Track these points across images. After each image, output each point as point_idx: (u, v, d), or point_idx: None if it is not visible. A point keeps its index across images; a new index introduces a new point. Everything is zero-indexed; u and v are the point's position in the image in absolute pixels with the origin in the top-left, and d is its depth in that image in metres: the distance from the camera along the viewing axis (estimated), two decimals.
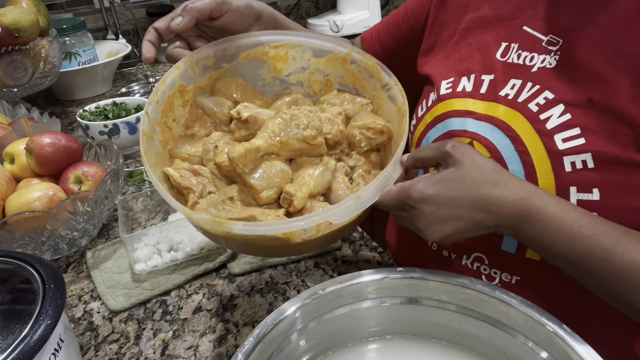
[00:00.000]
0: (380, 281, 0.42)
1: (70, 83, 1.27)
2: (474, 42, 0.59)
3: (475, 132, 0.54)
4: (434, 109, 0.59)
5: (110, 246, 0.72)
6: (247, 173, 0.46)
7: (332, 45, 0.58)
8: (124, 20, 1.57)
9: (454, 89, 0.58)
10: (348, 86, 0.59)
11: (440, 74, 0.61)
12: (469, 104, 0.56)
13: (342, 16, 1.69)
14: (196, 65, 0.55)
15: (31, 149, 0.70)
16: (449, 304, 0.42)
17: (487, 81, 0.56)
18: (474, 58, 0.58)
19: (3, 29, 0.95)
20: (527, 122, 0.51)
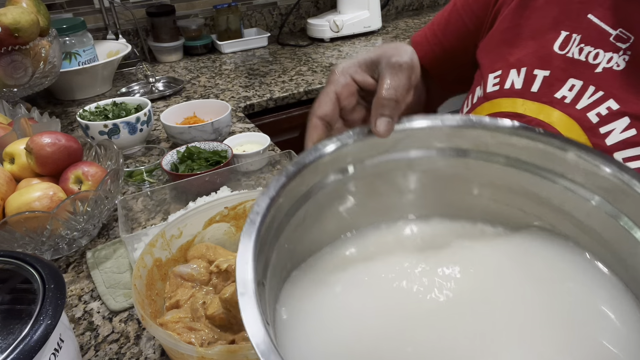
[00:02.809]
0: (403, 132, 0.39)
1: (70, 83, 1.27)
2: (527, 26, 0.50)
3: None
4: (480, 107, 0.53)
5: (110, 246, 0.72)
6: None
7: None
8: (124, 20, 1.57)
9: (501, 85, 0.51)
10: None
11: (488, 64, 0.53)
12: (518, 104, 0.49)
13: (342, 16, 1.69)
14: (167, 240, 0.58)
15: (31, 149, 0.70)
16: (497, 155, 0.38)
17: (540, 77, 0.48)
18: (526, 46, 0.50)
19: (3, 29, 0.94)
20: (584, 135, 0.44)
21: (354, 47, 1.63)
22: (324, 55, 1.57)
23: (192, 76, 1.47)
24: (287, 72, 1.44)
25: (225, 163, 0.86)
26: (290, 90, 1.31)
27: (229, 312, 0.50)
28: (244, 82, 1.39)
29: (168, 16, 1.55)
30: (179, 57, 1.62)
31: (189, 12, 1.69)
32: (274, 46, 1.70)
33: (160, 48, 1.57)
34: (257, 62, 1.55)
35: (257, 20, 1.80)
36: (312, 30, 1.71)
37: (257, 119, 1.28)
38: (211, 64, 1.57)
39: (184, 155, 0.89)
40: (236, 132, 1.08)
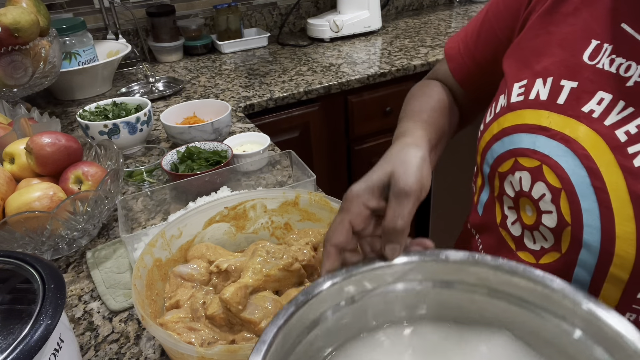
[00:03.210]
0: (391, 267, 0.41)
1: (70, 83, 1.27)
2: (555, 33, 0.48)
3: (547, 153, 0.45)
4: (503, 118, 0.51)
5: (110, 246, 0.72)
6: (242, 310, 0.50)
7: (281, 193, 0.64)
8: (124, 20, 1.57)
9: (526, 95, 0.48)
10: (306, 223, 0.64)
11: (514, 73, 0.51)
12: (543, 117, 0.46)
13: (342, 16, 1.69)
14: (167, 240, 0.59)
15: (31, 149, 0.70)
16: (479, 286, 0.40)
17: (567, 89, 0.45)
18: (554, 55, 0.47)
19: (3, 29, 0.94)
20: (611, 154, 0.42)
21: (354, 47, 1.63)
22: (324, 55, 1.57)
23: (192, 76, 1.47)
24: (287, 72, 1.44)
25: (225, 163, 0.86)
26: (290, 90, 1.31)
27: (229, 312, 0.50)
28: (244, 82, 1.39)
29: (168, 16, 1.55)
30: (179, 57, 1.62)
31: (189, 12, 1.69)
32: (274, 46, 1.70)
33: (160, 48, 1.57)
34: (257, 62, 1.55)
35: (257, 20, 1.80)
36: (312, 30, 1.71)
37: (257, 119, 1.28)
38: (211, 64, 1.57)
39: (184, 155, 0.89)
40: (236, 132, 1.08)
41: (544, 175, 0.46)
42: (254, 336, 0.49)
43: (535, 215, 0.48)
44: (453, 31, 1.73)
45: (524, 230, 0.50)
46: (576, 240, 0.45)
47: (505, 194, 0.52)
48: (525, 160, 0.48)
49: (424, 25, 1.82)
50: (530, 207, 0.48)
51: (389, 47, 1.60)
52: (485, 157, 0.54)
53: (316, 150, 1.43)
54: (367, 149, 1.51)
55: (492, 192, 0.55)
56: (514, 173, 0.49)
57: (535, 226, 0.49)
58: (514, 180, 0.49)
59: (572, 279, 0.46)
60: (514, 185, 0.50)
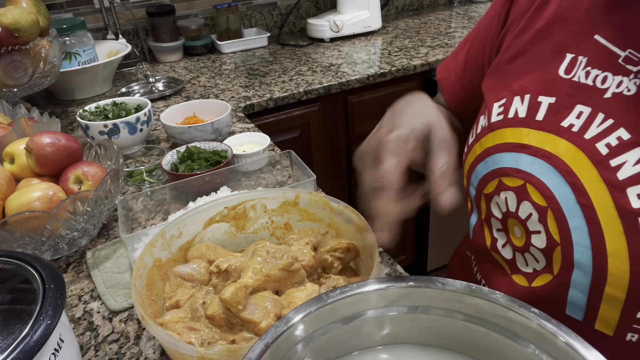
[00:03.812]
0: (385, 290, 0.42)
1: (70, 83, 1.27)
2: (531, 50, 0.48)
3: (530, 172, 0.45)
4: (484, 139, 0.50)
5: (110, 246, 0.72)
6: (242, 310, 0.50)
7: (281, 193, 0.64)
8: (124, 20, 1.57)
9: (505, 114, 0.48)
10: (306, 223, 0.64)
11: (493, 93, 0.51)
12: (523, 134, 0.46)
13: (342, 16, 1.69)
14: (167, 240, 0.59)
15: (31, 148, 0.70)
16: (458, 312, 0.42)
17: (545, 104, 0.45)
18: (530, 72, 0.47)
19: (3, 29, 0.94)
20: (594, 168, 0.41)
21: (354, 47, 1.63)
22: (324, 55, 1.57)
23: (192, 76, 1.47)
24: (287, 72, 1.44)
25: (225, 163, 0.86)
26: (290, 90, 1.31)
27: (229, 312, 0.50)
28: (244, 82, 1.39)
29: (168, 16, 1.55)
30: (179, 57, 1.62)
31: (189, 12, 1.69)
32: (274, 46, 1.70)
33: (160, 48, 1.58)
34: (257, 62, 1.55)
35: (257, 20, 1.80)
36: (312, 30, 1.71)
37: (257, 119, 1.28)
38: (211, 64, 1.57)
39: (184, 155, 0.89)
40: (236, 132, 1.08)
41: (528, 194, 0.45)
42: (254, 336, 0.49)
43: (524, 237, 0.47)
44: (453, 31, 1.74)
45: (515, 253, 0.49)
46: (567, 260, 0.43)
47: (492, 216, 0.51)
48: (509, 179, 0.47)
49: (424, 25, 1.82)
50: (519, 228, 0.47)
51: (389, 47, 1.60)
52: (470, 179, 0.53)
53: (316, 150, 1.43)
54: None
55: (479, 215, 0.54)
56: (499, 194, 0.48)
57: (525, 248, 0.47)
58: (500, 201, 0.49)
59: (568, 302, 0.45)
60: (500, 206, 0.49)
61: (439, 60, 1.46)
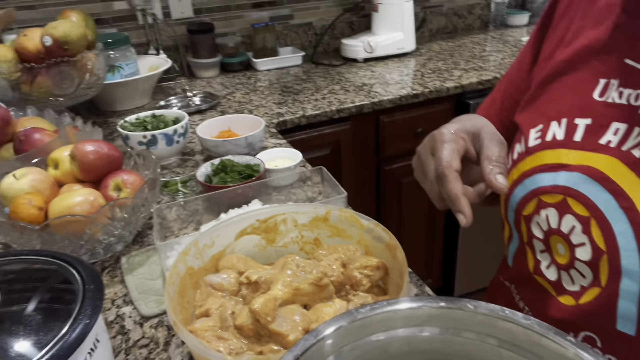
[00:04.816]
0: (417, 309, 0.41)
1: (112, 95, 1.32)
2: (565, 81, 0.51)
3: (567, 185, 0.46)
4: (522, 163, 0.52)
5: (144, 253, 0.74)
6: (271, 322, 0.50)
7: (312, 208, 0.65)
8: (165, 37, 1.63)
9: (543, 138, 0.50)
10: (335, 239, 0.65)
11: (528, 121, 0.53)
12: (562, 155, 0.48)
13: (375, 37, 1.71)
14: (200, 249, 0.60)
15: (75, 155, 0.73)
16: (490, 337, 0.41)
17: (582, 126, 0.47)
18: (565, 99, 0.50)
19: (54, 41, 1.00)
20: (631, 172, 0.42)
21: (387, 67, 1.65)
22: (357, 75, 1.59)
23: (227, 92, 1.50)
24: (320, 91, 1.46)
25: (258, 177, 0.87)
26: (322, 108, 1.33)
27: (258, 323, 0.50)
28: (278, 99, 1.41)
29: (207, 34, 1.60)
30: (215, 73, 1.66)
31: (227, 30, 1.74)
32: (308, 65, 1.73)
33: (198, 64, 1.63)
34: (291, 79, 1.58)
35: (293, 39, 1.84)
36: (345, 51, 1.74)
37: (289, 135, 1.30)
38: (246, 80, 1.61)
39: (217, 168, 0.91)
40: (268, 147, 1.10)
41: (570, 207, 0.46)
42: (282, 349, 0.50)
43: (568, 252, 0.47)
44: (487, 54, 1.73)
45: (560, 272, 0.49)
46: (615, 268, 0.43)
47: (534, 237, 0.51)
48: (548, 197, 0.48)
49: (458, 48, 1.82)
50: (562, 244, 0.48)
51: (422, 69, 1.61)
52: (508, 204, 0.54)
53: (346, 168, 1.44)
54: (397, 169, 1.51)
55: (521, 239, 0.54)
56: (539, 213, 0.49)
57: (570, 264, 0.47)
58: (541, 219, 0.49)
59: (617, 315, 0.44)
60: (541, 225, 0.49)
61: (472, 83, 1.46)
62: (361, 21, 1.90)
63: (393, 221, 1.59)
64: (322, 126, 1.35)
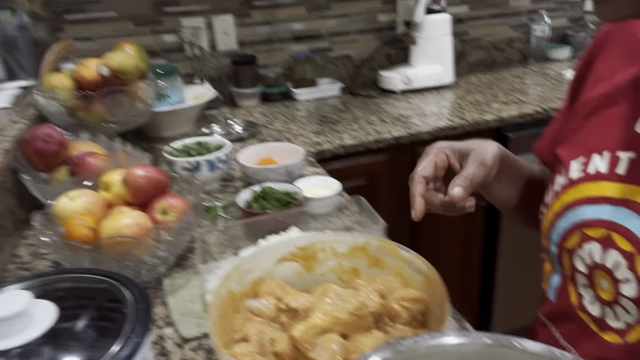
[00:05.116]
0: (462, 346, 0.41)
1: (159, 122, 1.38)
2: (606, 114, 0.52)
3: (612, 220, 0.46)
4: (564, 195, 0.52)
5: (185, 276, 0.76)
6: (310, 350, 0.50)
7: (351, 237, 0.65)
8: (210, 67, 1.70)
9: (585, 170, 0.51)
10: (374, 270, 0.64)
11: (570, 154, 0.54)
12: (605, 188, 0.48)
13: (413, 70, 1.73)
14: (241, 273, 0.61)
15: (126, 179, 0.77)
16: None
17: (625, 160, 0.47)
18: (607, 132, 0.51)
19: (110, 71, 1.06)
20: None
21: (425, 99, 1.66)
22: (394, 106, 1.61)
23: (267, 120, 1.55)
24: (357, 121, 1.48)
25: (296, 204, 0.89)
26: (360, 138, 1.35)
27: (297, 350, 0.50)
28: (316, 129, 1.44)
29: (250, 65, 1.67)
30: (256, 102, 1.72)
31: (269, 62, 1.80)
32: (346, 96, 1.76)
33: (240, 93, 1.69)
34: (329, 110, 1.62)
35: (331, 70, 1.89)
36: (383, 82, 1.76)
37: (326, 164, 1.31)
38: (286, 109, 1.65)
39: (258, 195, 0.93)
40: (306, 175, 1.11)
41: (614, 242, 0.46)
42: None
43: (612, 288, 0.46)
44: (527, 88, 1.72)
45: (604, 308, 0.48)
46: None
47: (577, 271, 0.50)
48: (592, 230, 0.48)
49: (497, 81, 1.82)
50: (606, 279, 0.47)
51: (460, 101, 1.61)
52: (550, 236, 0.54)
53: (381, 199, 1.44)
54: None
55: (563, 273, 0.53)
56: (582, 246, 0.49)
57: (614, 300, 0.46)
58: (584, 253, 0.49)
59: None
60: (584, 260, 0.49)
61: (513, 117, 1.45)
62: (399, 54, 1.93)
63: (428, 254, 1.54)
64: (359, 156, 1.36)
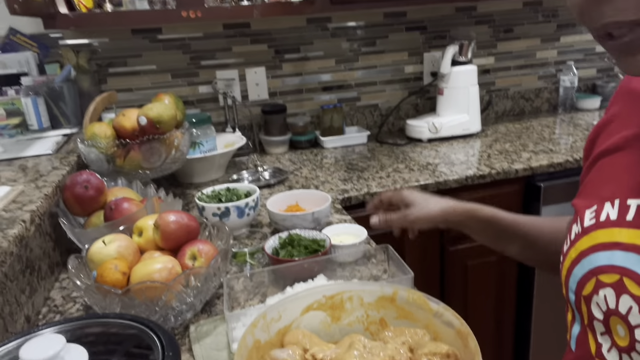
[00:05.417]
0: None
1: (191, 168, 1.43)
2: (617, 163, 0.55)
3: (624, 266, 0.48)
4: (579, 243, 0.54)
5: (211, 322, 0.76)
6: None
7: (379, 287, 0.64)
8: (242, 116, 1.76)
9: (597, 218, 0.53)
10: (402, 321, 0.64)
11: (584, 204, 0.56)
12: (615, 234, 0.50)
13: (440, 119, 1.75)
14: (267, 322, 0.61)
15: (159, 224, 0.79)
16: None
17: (634, 207, 0.50)
18: (618, 180, 0.53)
19: (148, 121, 1.12)
20: None
21: (452, 148, 1.66)
22: (421, 154, 1.62)
23: (295, 167, 1.57)
24: (384, 169, 1.49)
25: (324, 252, 0.89)
26: (387, 186, 1.35)
27: None
28: (343, 176, 1.46)
29: (280, 114, 1.72)
30: (285, 149, 1.76)
31: (298, 111, 1.86)
32: (373, 144, 1.78)
33: (269, 141, 1.73)
34: (356, 157, 1.64)
35: (359, 119, 1.92)
36: (410, 131, 1.78)
37: (353, 211, 1.32)
38: (313, 157, 1.68)
39: (285, 241, 0.94)
40: (333, 222, 1.12)
41: (626, 287, 0.47)
42: None
43: (628, 334, 0.47)
44: (557, 137, 1.70)
45: (622, 355, 0.48)
46: None
47: (594, 318, 0.51)
48: (606, 276, 0.49)
49: (526, 131, 1.81)
50: (621, 325, 0.48)
51: (488, 150, 1.61)
52: (568, 285, 0.55)
53: (409, 247, 1.42)
54: (462, 251, 1.46)
55: (582, 321, 0.54)
56: (597, 292, 0.50)
57: (631, 346, 0.46)
58: (599, 300, 0.50)
59: None
60: (600, 306, 0.50)
61: (542, 166, 1.43)
62: (426, 103, 1.96)
63: (458, 305, 1.52)
64: None
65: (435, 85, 1.84)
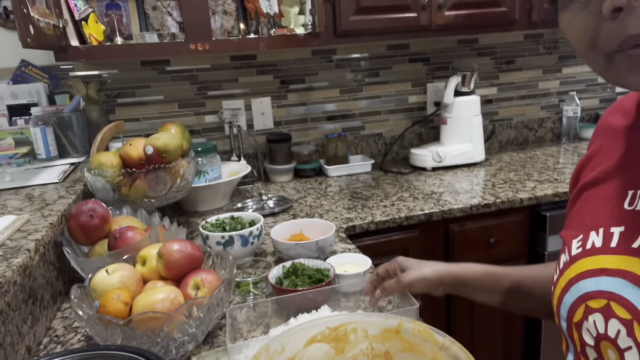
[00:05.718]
0: None
1: (196, 197, 1.43)
2: (600, 194, 0.59)
3: (610, 290, 0.51)
4: (567, 271, 0.57)
5: (213, 354, 0.75)
6: None
7: (383, 319, 0.64)
8: (247, 145, 1.78)
9: (583, 246, 0.56)
10: (407, 354, 0.63)
11: (571, 233, 0.59)
12: (601, 260, 0.53)
13: (444, 147, 1.76)
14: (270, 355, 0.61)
15: (162, 254, 0.79)
16: None
17: (617, 234, 0.53)
18: (601, 210, 0.57)
19: (154, 151, 1.13)
20: None
21: (456, 176, 1.66)
22: (425, 183, 1.62)
23: (299, 196, 1.58)
24: (388, 197, 1.49)
25: (327, 282, 0.88)
26: (391, 214, 1.35)
27: None
28: (347, 204, 1.46)
29: (284, 143, 1.74)
30: (289, 178, 1.77)
31: (303, 140, 1.87)
32: (377, 172, 1.79)
33: (274, 169, 1.74)
34: (361, 186, 1.64)
35: (363, 148, 1.94)
36: (414, 159, 1.79)
37: (357, 240, 1.31)
38: (318, 185, 1.68)
39: (289, 271, 0.93)
40: (338, 251, 1.11)
41: (613, 311, 0.49)
42: None
43: (618, 358, 0.48)
44: (562, 167, 1.70)
45: None
46: None
47: (586, 344, 0.52)
48: (594, 302, 0.51)
49: (530, 160, 1.81)
50: (611, 349, 0.49)
51: (492, 179, 1.61)
52: (560, 313, 0.56)
53: None
54: None
55: (575, 349, 0.55)
56: (587, 318, 0.52)
57: None
58: (589, 325, 0.51)
59: None
60: (590, 332, 0.51)
61: (547, 195, 1.43)
62: (429, 132, 1.98)
63: (464, 337, 1.49)
64: (390, 232, 1.35)
65: (438, 115, 1.86)
